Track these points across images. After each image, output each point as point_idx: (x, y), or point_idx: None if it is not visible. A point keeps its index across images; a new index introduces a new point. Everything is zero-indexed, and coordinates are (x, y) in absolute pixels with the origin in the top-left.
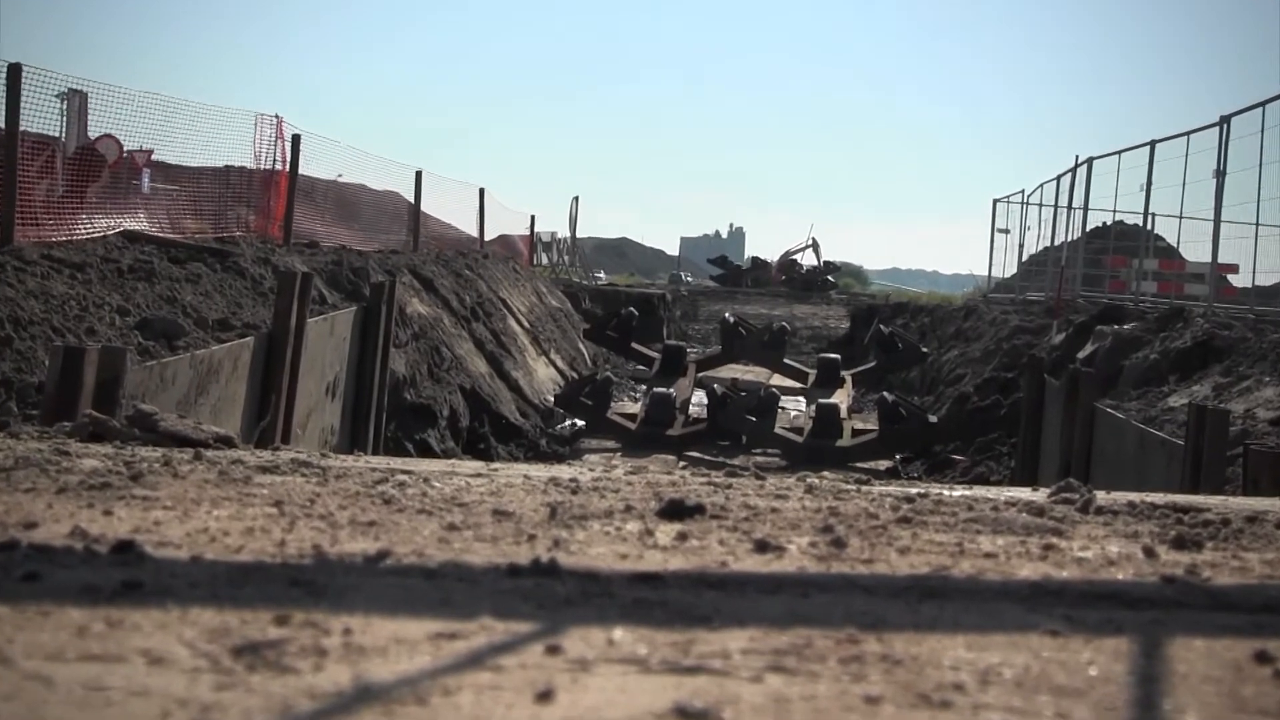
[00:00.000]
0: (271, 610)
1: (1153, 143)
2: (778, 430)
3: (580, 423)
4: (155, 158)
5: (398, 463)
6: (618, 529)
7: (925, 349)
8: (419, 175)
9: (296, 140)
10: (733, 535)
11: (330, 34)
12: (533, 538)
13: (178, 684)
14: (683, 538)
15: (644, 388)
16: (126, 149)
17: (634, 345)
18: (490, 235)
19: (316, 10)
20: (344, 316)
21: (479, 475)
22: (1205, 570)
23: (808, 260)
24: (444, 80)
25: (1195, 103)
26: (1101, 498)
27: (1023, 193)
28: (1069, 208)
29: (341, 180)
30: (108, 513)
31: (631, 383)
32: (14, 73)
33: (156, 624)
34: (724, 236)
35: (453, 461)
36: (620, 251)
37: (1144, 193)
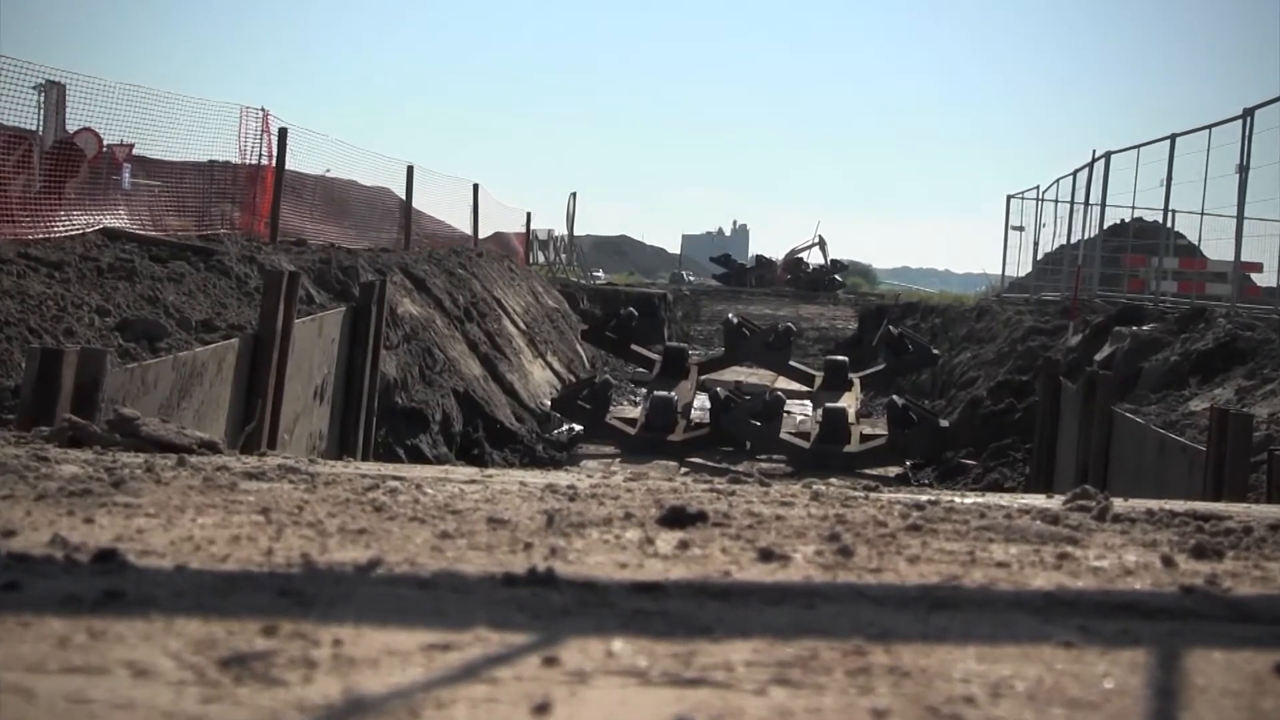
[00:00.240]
0: (259, 621)
1: (1173, 136)
2: (783, 435)
3: (578, 427)
4: (136, 152)
5: (389, 469)
6: (617, 537)
7: (936, 351)
8: (410, 170)
9: (283, 134)
10: (736, 544)
11: (318, 24)
12: (529, 546)
13: (163, 696)
14: (684, 546)
15: (644, 391)
16: (106, 143)
17: (634, 347)
18: (485, 233)
19: (304, 1)
20: (332, 317)
21: (473, 482)
22: (1226, 580)
23: (814, 259)
24: (436, 71)
25: (1217, 95)
26: (1119, 505)
27: (1038, 189)
28: (1086, 204)
29: (330, 176)
30: (89, 520)
31: (631, 386)
32: None
33: (140, 635)
34: (727, 234)
35: (446, 468)
36: (619, 249)
37: (1164, 188)
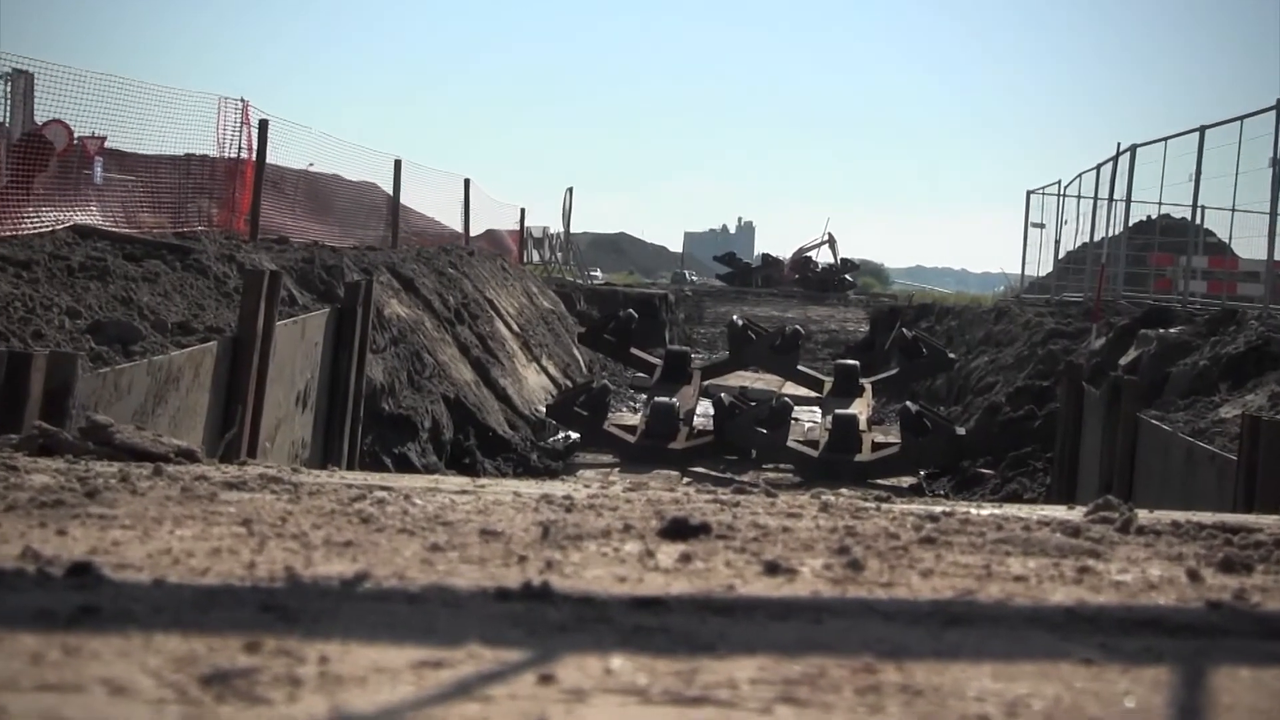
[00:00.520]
0: (241, 637)
1: (1202, 128)
2: (790, 443)
3: (574, 435)
4: (109, 145)
5: (376, 478)
6: (616, 550)
7: (952, 355)
8: (398, 164)
9: (264, 126)
10: (741, 557)
11: (302, 15)
12: (523, 559)
13: (141, 715)
14: (686, 559)
15: (644, 397)
16: (77, 135)
17: (633, 350)
18: (476, 230)
19: None
20: (316, 319)
21: (464, 492)
22: (1254, 595)
23: (823, 258)
24: (426, 61)
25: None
26: (1143, 517)
27: (1059, 184)
28: (1110, 200)
29: (313, 170)
30: (61, 532)
31: (630, 391)
32: None
33: (117, 651)
34: (732, 231)
35: (436, 477)
36: (618, 248)
37: (1193, 183)
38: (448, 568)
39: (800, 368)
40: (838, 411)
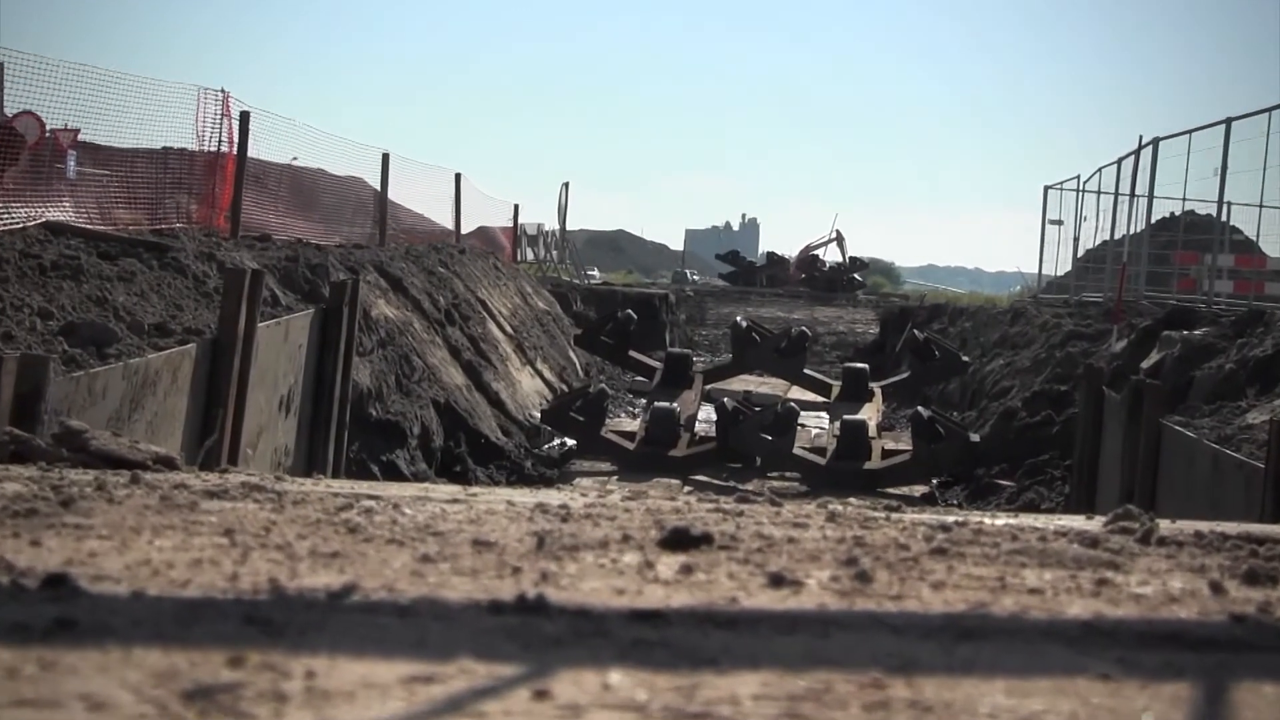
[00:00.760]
0: (224, 651)
1: (1228, 121)
2: (796, 450)
3: (571, 442)
4: (82, 138)
5: (363, 487)
6: (614, 561)
7: (966, 358)
8: (386, 158)
9: (245, 118)
10: (744, 568)
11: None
12: (518, 571)
13: None
14: (687, 571)
15: (643, 402)
16: (49, 128)
17: (632, 353)
18: (468, 227)
19: None
20: (300, 321)
21: (456, 501)
22: (1279, 608)
23: (831, 256)
24: (423, 59)
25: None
26: (1165, 527)
27: (1078, 179)
28: (1131, 195)
29: (297, 164)
30: (35, 543)
31: (629, 396)
32: None
33: (96, 666)
34: (735, 229)
35: (425, 485)
36: (616, 246)
37: (1218, 178)
38: (439, 579)
39: (807, 371)
40: (846, 417)
